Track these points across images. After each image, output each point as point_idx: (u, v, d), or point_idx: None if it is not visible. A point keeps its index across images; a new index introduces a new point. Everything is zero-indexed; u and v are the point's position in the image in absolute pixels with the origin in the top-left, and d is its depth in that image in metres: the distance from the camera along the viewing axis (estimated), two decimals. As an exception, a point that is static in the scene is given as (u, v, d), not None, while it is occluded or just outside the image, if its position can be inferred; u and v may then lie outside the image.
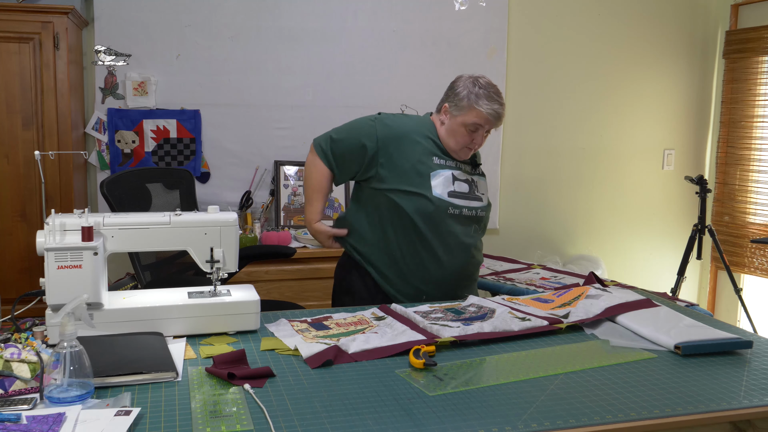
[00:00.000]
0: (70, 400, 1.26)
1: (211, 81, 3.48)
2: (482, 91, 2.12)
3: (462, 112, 2.13)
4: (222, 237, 1.76)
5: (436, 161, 2.16)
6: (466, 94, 2.12)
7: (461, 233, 2.15)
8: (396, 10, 3.68)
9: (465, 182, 2.20)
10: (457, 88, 2.15)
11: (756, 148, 4.07)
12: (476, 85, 2.13)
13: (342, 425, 1.21)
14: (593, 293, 1.99)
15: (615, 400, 1.34)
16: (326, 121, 3.64)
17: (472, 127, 2.13)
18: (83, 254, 1.56)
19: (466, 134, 2.14)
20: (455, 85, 2.18)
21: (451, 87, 2.20)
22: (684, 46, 4.22)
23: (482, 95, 2.11)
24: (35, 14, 2.91)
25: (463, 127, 2.13)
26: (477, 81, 2.14)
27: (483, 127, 2.14)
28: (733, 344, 1.63)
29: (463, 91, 2.13)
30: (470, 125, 2.12)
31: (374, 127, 2.16)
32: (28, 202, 2.97)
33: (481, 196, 2.24)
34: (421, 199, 2.10)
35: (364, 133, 2.16)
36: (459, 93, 2.14)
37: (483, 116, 2.11)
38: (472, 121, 2.11)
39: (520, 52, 3.92)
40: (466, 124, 2.12)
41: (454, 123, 2.14)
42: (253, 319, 1.73)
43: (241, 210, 3.47)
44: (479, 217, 2.21)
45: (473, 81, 2.14)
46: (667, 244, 4.32)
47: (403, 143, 2.14)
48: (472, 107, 2.11)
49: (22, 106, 2.93)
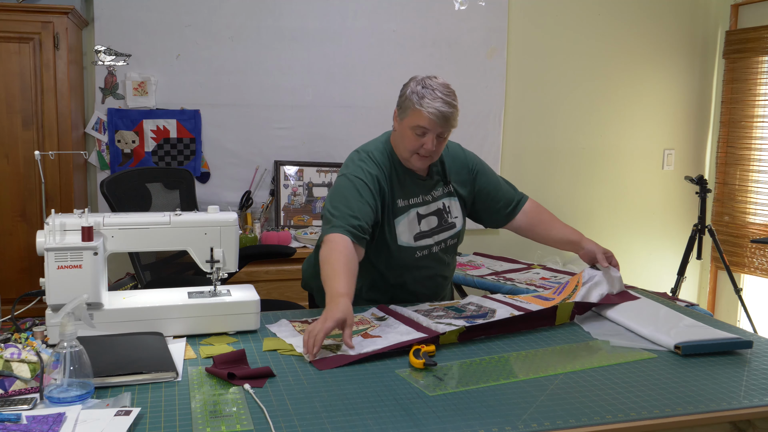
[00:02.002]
0: (70, 400, 1.26)
1: (211, 81, 3.48)
2: (426, 90, 1.89)
3: (406, 114, 1.92)
4: (222, 237, 1.76)
5: (399, 204, 2.01)
6: (409, 94, 1.92)
7: (432, 266, 2.09)
8: (396, 10, 3.68)
9: (433, 215, 2.07)
10: (404, 90, 1.96)
11: (756, 148, 4.07)
12: (421, 85, 1.91)
13: (342, 425, 1.21)
14: (587, 277, 2.01)
15: (615, 400, 1.34)
16: (326, 121, 3.65)
17: (419, 131, 1.90)
18: (83, 254, 1.56)
19: (413, 138, 1.92)
20: (404, 87, 1.97)
21: (403, 91, 1.97)
22: (684, 46, 4.22)
23: (425, 95, 1.88)
24: (35, 14, 2.91)
25: (410, 131, 1.92)
26: (424, 81, 1.92)
27: (429, 131, 1.90)
28: (733, 344, 1.63)
29: (407, 92, 1.94)
30: (415, 128, 1.90)
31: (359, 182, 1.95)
32: (28, 202, 2.97)
33: (453, 221, 2.11)
34: (386, 250, 1.99)
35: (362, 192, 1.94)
36: (404, 94, 1.95)
37: (425, 117, 1.87)
38: (416, 123, 1.89)
39: (520, 52, 3.92)
40: (411, 126, 1.91)
41: (402, 127, 1.95)
42: (253, 319, 1.73)
43: (241, 210, 3.47)
44: (450, 246, 2.12)
45: (420, 81, 1.93)
46: (667, 244, 4.32)
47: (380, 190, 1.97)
48: (414, 108, 1.89)
49: (22, 106, 2.93)
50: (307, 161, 3.63)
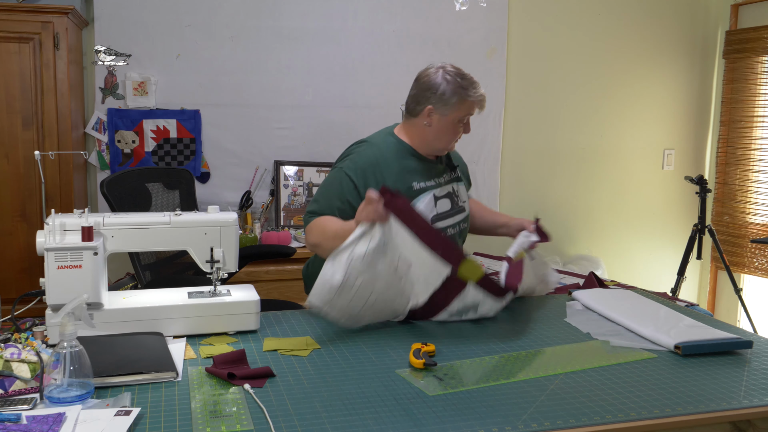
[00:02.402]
0: (70, 400, 1.26)
1: (211, 81, 3.48)
2: (464, 81, 2.02)
3: (453, 109, 2.02)
4: (222, 237, 1.76)
5: (416, 186, 2.07)
6: (452, 90, 2.01)
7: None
8: (396, 11, 3.68)
9: (446, 197, 2.13)
10: (438, 88, 2.03)
11: (756, 148, 4.07)
12: (456, 77, 2.02)
13: (342, 425, 1.21)
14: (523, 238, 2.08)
15: (615, 400, 1.34)
16: (326, 121, 3.65)
17: (465, 120, 2.07)
18: (83, 254, 1.56)
19: (457, 130, 2.07)
20: (431, 85, 2.04)
21: (426, 88, 2.05)
22: (684, 46, 4.23)
23: (466, 85, 2.02)
24: (35, 14, 2.91)
25: (456, 123, 2.05)
26: (451, 72, 2.03)
27: (471, 116, 2.09)
28: (733, 344, 1.63)
29: (446, 88, 2.02)
30: (463, 118, 2.05)
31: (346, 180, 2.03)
32: (28, 202, 2.97)
33: (462, 205, 2.19)
34: None
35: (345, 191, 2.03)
36: (443, 91, 2.02)
37: (474, 106, 2.05)
38: (465, 114, 2.05)
39: (520, 52, 3.92)
40: (460, 119, 2.05)
41: (446, 122, 2.05)
42: (253, 319, 1.73)
43: (241, 210, 3.47)
44: (462, 229, 2.19)
45: (449, 74, 2.03)
46: (667, 244, 4.32)
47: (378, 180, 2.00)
48: (463, 101, 2.02)
49: (22, 106, 2.93)
50: (307, 161, 3.63)
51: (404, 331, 1.77)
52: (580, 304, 2.03)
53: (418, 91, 2.07)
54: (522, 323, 1.86)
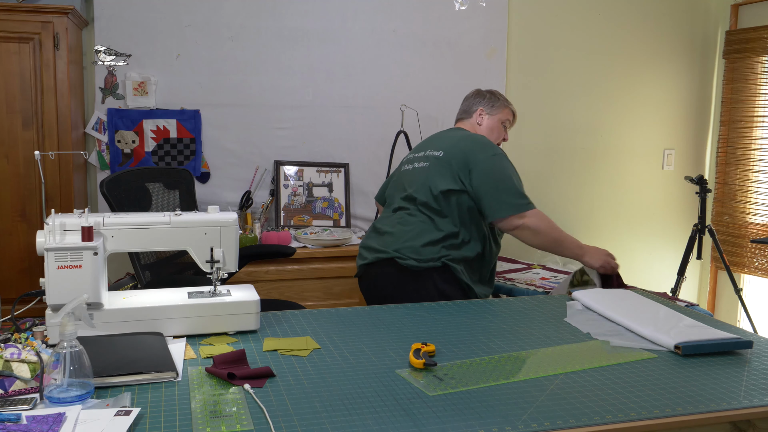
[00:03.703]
0: (70, 400, 1.26)
1: (211, 81, 3.48)
2: (504, 98, 2.62)
3: (498, 111, 2.57)
4: (222, 237, 1.76)
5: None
6: (498, 98, 2.59)
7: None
8: (396, 11, 3.68)
9: None
10: (487, 95, 2.59)
11: (756, 148, 4.07)
12: (498, 93, 2.61)
13: (342, 425, 1.21)
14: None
15: (615, 400, 1.34)
16: (326, 121, 3.65)
17: (506, 124, 2.59)
18: (83, 254, 1.56)
19: (503, 130, 2.59)
20: (483, 94, 2.60)
21: (480, 96, 2.60)
22: (684, 46, 4.22)
23: (507, 100, 2.62)
24: (35, 14, 2.91)
25: (501, 124, 2.57)
26: (494, 91, 2.64)
27: (510, 125, 2.61)
28: (733, 344, 1.63)
29: (492, 96, 2.59)
30: (504, 122, 2.58)
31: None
32: (28, 202, 2.97)
33: None
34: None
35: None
36: (490, 99, 2.58)
37: (512, 113, 2.62)
38: (506, 118, 2.58)
39: (520, 52, 3.92)
40: (502, 120, 2.57)
41: (493, 121, 2.56)
42: (253, 319, 1.73)
43: (241, 210, 3.47)
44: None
45: (494, 91, 2.63)
46: (667, 244, 4.32)
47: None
48: (506, 107, 2.59)
49: (22, 106, 2.93)
50: (307, 161, 3.63)
51: (404, 331, 1.77)
52: (580, 304, 2.03)
53: (474, 99, 2.61)
54: (522, 323, 1.86)
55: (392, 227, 2.40)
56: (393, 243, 2.35)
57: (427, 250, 2.29)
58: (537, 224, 2.29)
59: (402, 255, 2.31)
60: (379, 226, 2.48)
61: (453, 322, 1.86)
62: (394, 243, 2.34)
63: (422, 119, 3.64)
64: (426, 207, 2.36)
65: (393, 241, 2.35)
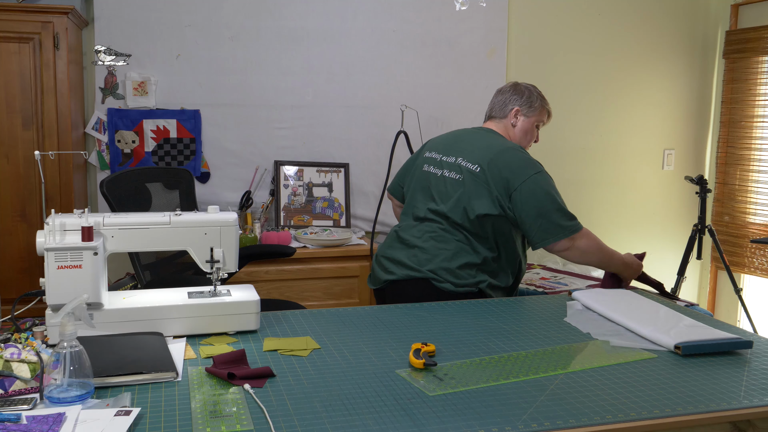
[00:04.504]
0: (70, 400, 1.26)
1: (211, 81, 3.48)
2: (543, 98, 2.44)
3: (535, 113, 2.40)
4: (222, 237, 1.76)
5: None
6: (536, 97, 2.41)
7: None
8: (396, 11, 3.68)
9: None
10: (528, 93, 2.41)
11: (756, 148, 4.07)
12: (537, 92, 2.43)
13: (342, 425, 1.21)
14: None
15: (615, 400, 1.34)
16: (326, 121, 3.65)
17: (540, 125, 2.44)
18: (83, 254, 1.56)
19: (536, 132, 2.43)
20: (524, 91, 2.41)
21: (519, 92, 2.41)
22: (684, 46, 4.22)
23: (544, 99, 2.44)
24: (35, 14, 2.91)
25: (535, 126, 2.42)
26: (531, 87, 2.45)
27: (543, 125, 2.46)
28: (733, 344, 1.63)
29: (533, 95, 2.41)
30: (539, 123, 2.43)
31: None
32: (28, 202, 2.97)
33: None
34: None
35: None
36: (530, 98, 2.40)
37: (548, 113, 2.45)
38: (542, 119, 2.43)
39: (520, 52, 3.92)
40: (537, 122, 2.42)
41: (528, 123, 2.40)
42: (253, 319, 1.73)
43: (241, 210, 3.47)
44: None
45: (532, 88, 2.44)
46: (667, 244, 4.32)
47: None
48: (543, 108, 2.42)
49: (22, 106, 2.93)
50: (307, 161, 3.63)
51: (404, 331, 1.77)
52: (580, 304, 2.03)
53: (507, 96, 2.43)
54: (522, 323, 1.86)
55: (424, 242, 2.24)
56: (428, 262, 2.19)
57: (465, 273, 2.17)
58: (587, 245, 2.18)
59: (439, 277, 2.17)
60: (405, 237, 2.30)
61: (453, 322, 1.86)
62: (429, 262, 2.19)
63: (422, 119, 3.64)
64: (461, 227, 2.22)
65: (428, 259, 2.20)
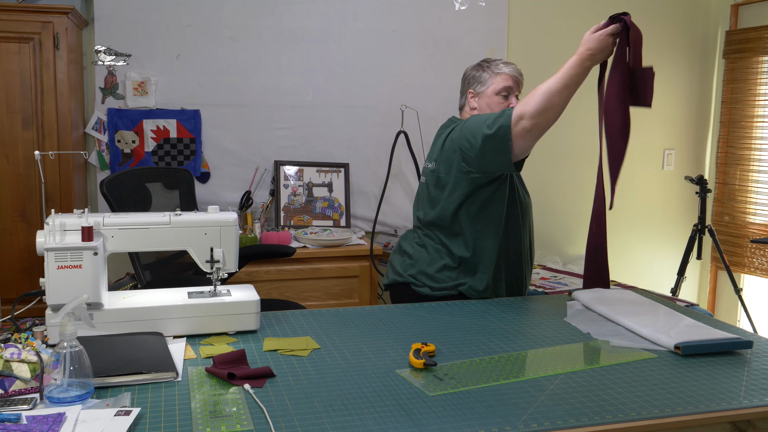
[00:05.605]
0: (70, 400, 1.26)
1: (211, 81, 3.48)
2: (495, 61, 2.26)
3: (486, 85, 2.22)
4: (222, 237, 1.76)
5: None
6: (478, 70, 2.24)
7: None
8: (396, 11, 3.68)
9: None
10: (472, 73, 2.27)
11: (756, 148, 4.07)
12: (485, 62, 2.26)
13: (342, 425, 1.21)
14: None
15: (615, 400, 1.34)
16: (326, 121, 3.65)
17: (505, 92, 2.22)
18: (83, 254, 1.56)
19: (503, 101, 2.21)
20: (468, 73, 2.29)
21: (466, 78, 2.30)
22: (684, 46, 4.22)
23: (498, 63, 2.25)
24: (35, 14, 2.91)
25: (496, 96, 2.21)
26: (484, 60, 2.28)
27: (513, 91, 2.24)
28: (733, 344, 1.63)
29: (477, 71, 2.25)
30: (501, 90, 2.21)
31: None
32: (28, 202, 2.97)
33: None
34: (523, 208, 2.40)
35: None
36: (475, 75, 2.25)
37: (508, 77, 2.23)
38: (502, 86, 2.21)
39: (520, 52, 3.92)
40: (497, 90, 2.21)
41: (486, 98, 2.22)
42: (253, 319, 1.73)
43: (241, 210, 3.47)
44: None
45: (481, 62, 2.28)
46: (667, 244, 4.32)
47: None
48: (495, 75, 2.22)
49: (22, 106, 2.94)
50: (307, 161, 3.63)
51: (404, 331, 1.77)
52: (580, 304, 2.03)
53: (462, 85, 2.30)
54: (522, 323, 1.86)
55: (411, 248, 2.30)
56: (411, 267, 2.25)
57: (443, 275, 2.18)
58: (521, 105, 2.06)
59: (417, 281, 2.21)
60: (402, 244, 2.38)
61: (453, 322, 1.86)
62: (412, 267, 2.25)
63: (422, 119, 3.64)
64: (437, 229, 2.21)
65: (411, 265, 2.26)
